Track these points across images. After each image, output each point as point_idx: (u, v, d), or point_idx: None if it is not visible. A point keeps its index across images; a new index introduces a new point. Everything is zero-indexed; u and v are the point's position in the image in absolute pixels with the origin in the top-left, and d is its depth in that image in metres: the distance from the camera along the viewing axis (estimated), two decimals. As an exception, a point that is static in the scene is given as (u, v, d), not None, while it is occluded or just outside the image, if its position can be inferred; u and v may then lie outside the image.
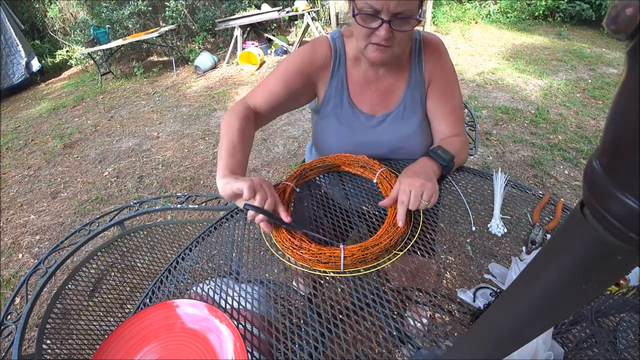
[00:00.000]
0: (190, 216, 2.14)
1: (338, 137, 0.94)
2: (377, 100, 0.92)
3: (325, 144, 0.97)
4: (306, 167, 0.90)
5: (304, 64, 0.88)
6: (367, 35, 0.75)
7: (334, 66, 0.89)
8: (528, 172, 2.28)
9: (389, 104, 0.92)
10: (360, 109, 0.92)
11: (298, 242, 0.68)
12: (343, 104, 0.92)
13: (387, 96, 0.91)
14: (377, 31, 0.72)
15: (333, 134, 0.94)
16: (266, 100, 0.87)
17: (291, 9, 4.93)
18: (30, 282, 0.81)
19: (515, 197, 0.85)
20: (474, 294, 0.63)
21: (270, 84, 0.88)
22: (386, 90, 0.91)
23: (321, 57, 0.88)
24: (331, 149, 0.95)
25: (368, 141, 0.93)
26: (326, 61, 0.89)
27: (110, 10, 5.59)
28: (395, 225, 0.69)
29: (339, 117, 0.92)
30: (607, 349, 0.52)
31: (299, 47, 5.12)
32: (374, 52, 0.77)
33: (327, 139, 0.96)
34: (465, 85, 3.61)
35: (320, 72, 0.90)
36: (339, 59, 0.89)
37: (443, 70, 0.89)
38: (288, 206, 0.79)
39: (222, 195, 0.70)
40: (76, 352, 0.83)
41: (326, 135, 0.96)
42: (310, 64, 0.88)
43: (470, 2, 6.28)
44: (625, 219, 0.17)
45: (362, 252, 0.64)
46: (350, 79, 0.91)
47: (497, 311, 0.29)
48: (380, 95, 0.91)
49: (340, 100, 0.91)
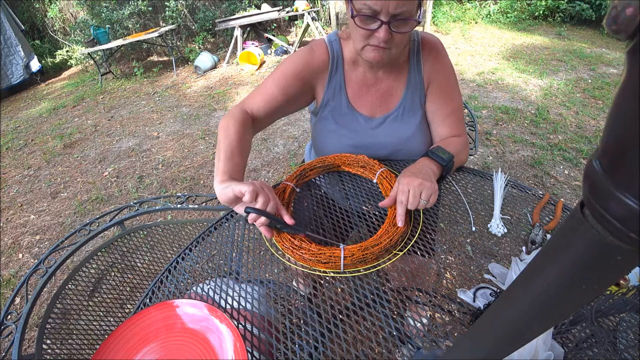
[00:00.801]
0: (190, 216, 2.14)
1: (337, 139, 0.93)
2: (377, 102, 0.91)
3: (324, 146, 0.97)
4: (306, 167, 0.90)
5: (301, 68, 0.87)
6: (366, 36, 0.74)
7: (332, 69, 0.89)
8: (528, 172, 2.28)
9: (388, 105, 0.91)
10: (359, 111, 0.92)
11: (298, 242, 0.68)
12: (342, 107, 0.91)
13: (386, 98, 0.91)
14: (376, 33, 0.72)
15: (332, 136, 0.94)
16: (264, 105, 0.86)
17: (291, 9, 4.93)
18: (30, 282, 0.81)
19: (515, 197, 0.85)
20: (474, 294, 0.63)
21: (268, 89, 0.87)
22: (385, 92, 0.90)
23: (318, 60, 0.88)
24: (330, 151, 0.95)
25: (367, 143, 0.92)
26: (323, 64, 0.88)
27: (110, 10, 5.59)
28: (395, 225, 0.69)
29: (337, 119, 0.92)
30: (607, 349, 0.52)
31: (298, 47, 5.13)
32: (371, 53, 0.76)
33: (325, 141, 0.96)
34: (465, 85, 3.61)
35: (318, 75, 0.89)
36: (337, 62, 0.89)
37: (442, 71, 0.89)
38: (288, 206, 0.79)
39: (221, 201, 0.68)
40: (76, 352, 0.83)
41: (325, 138, 0.95)
42: (307, 67, 0.87)
43: (470, 2, 6.28)
44: (625, 219, 0.17)
45: (362, 252, 0.64)
46: (348, 81, 0.90)
47: (497, 311, 0.29)
48: (380, 97, 0.91)
49: (339, 102, 0.91)
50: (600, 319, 0.56)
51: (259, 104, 0.87)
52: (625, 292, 0.58)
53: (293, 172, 0.89)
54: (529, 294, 0.24)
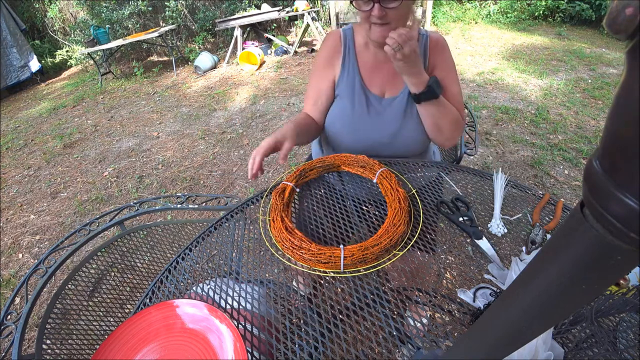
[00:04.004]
0: (190, 216, 2.14)
1: (351, 118, 1.00)
2: (386, 81, 0.99)
3: (336, 125, 1.03)
4: (306, 167, 0.91)
5: (327, 54, 1.02)
6: (366, 17, 0.85)
7: (345, 52, 1.01)
8: (528, 172, 2.28)
9: (396, 87, 0.99)
10: (371, 91, 1.00)
11: (298, 242, 0.67)
12: (355, 87, 1.00)
13: (395, 78, 0.99)
14: (371, 12, 0.83)
15: (346, 114, 1.01)
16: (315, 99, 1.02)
17: (291, 9, 4.93)
18: (30, 282, 0.81)
19: (515, 197, 0.85)
20: (474, 294, 0.63)
21: (312, 86, 1.04)
22: (394, 72, 0.98)
23: (332, 45, 1.02)
24: (342, 128, 1.02)
25: (379, 122, 0.99)
26: (337, 48, 1.01)
27: (110, 10, 5.59)
28: (396, 225, 0.69)
29: (352, 99, 1.00)
30: (607, 349, 0.52)
31: (298, 47, 5.13)
32: (376, 32, 0.86)
33: (338, 120, 1.03)
34: (465, 85, 3.61)
35: (335, 57, 1.02)
36: (348, 46, 1.01)
37: (445, 61, 0.98)
38: (288, 206, 0.80)
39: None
40: (76, 352, 0.83)
41: (338, 116, 1.03)
42: (328, 53, 1.02)
43: (470, 2, 6.28)
44: (625, 219, 0.17)
45: (362, 252, 0.64)
46: (361, 62, 1.00)
47: (497, 311, 0.29)
48: (389, 77, 0.99)
49: (353, 83, 1.00)
50: (600, 319, 0.56)
51: (311, 101, 1.04)
52: (625, 292, 0.58)
53: (293, 172, 0.89)
54: (529, 294, 0.24)
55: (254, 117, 3.40)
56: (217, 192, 2.41)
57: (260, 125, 3.24)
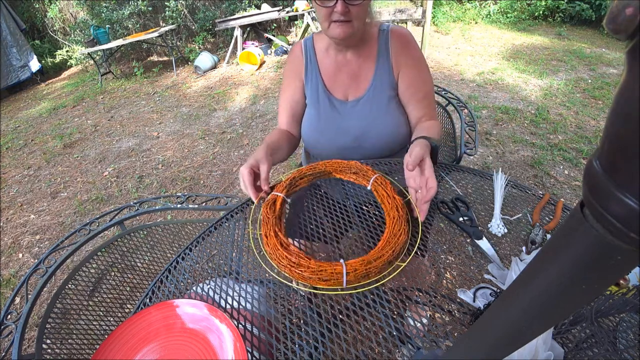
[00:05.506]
0: (190, 216, 2.14)
1: (317, 124, 1.01)
2: (348, 84, 0.99)
3: (305, 132, 1.05)
4: (296, 176, 0.86)
5: (291, 66, 1.03)
6: (328, 14, 0.83)
7: (306, 61, 1.01)
8: (528, 172, 2.28)
9: (359, 88, 0.98)
10: (334, 96, 1.00)
11: (296, 258, 0.63)
12: (319, 92, 1.00)
13: (356, 80, 0.98)
14: (334, 8, 0.81)
15: (312, 122, 1.02)
16: (288, 112, 1.04)
17: (291, 9, 4.93)
18: (30, 281, 0.81)
19: (515, 197, 0.85)
20: (474, 294, 0.63)
21: (284, 99, 1.05)
22: (355, 73, 0.98)
23: (295, 57, 1.03)
24: (311, 135, 1.03)
25: (344, 126, 0.98)
26: (299, 59, 1.02)
27: (110, 10, 5.59)
28: (396, 235, 0.67)
29: (317, 106, 1.00)
30: (607, 349, 0.52)
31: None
32: (336, 30, 0.85)
33: (307, 127, 1.04)
34: (465, 85, 3.61)
35: (300, 69, 1.02)
36: (309, 54, 1.01)
37: (412, 58, 0.95)
38: (280, 219, 0.76)
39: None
40: (76, 352, 0.83)
41: (307, 124, 1.04)
42: (293, 64, 1.03)
43: (470, 2, 6.28)
44: (625, 219, 0.17)
45: (365, 266, 0.61)
46: (323, 69, 1.00)
47: (497, 311, 0.29)
48: (351, 79, 0.98)
49: (316, 90, 1.00)
50: (600, 319, 0.56)
51: (284, 115, 1.05)
52: (625, 292, 0.58)
53: (282, 181, 0.84)
54: (529, 294, 0.24)
55: (254, 117, 3.40)
56: (217, 192, 2.41)
57: (260, 125, 3.24)
